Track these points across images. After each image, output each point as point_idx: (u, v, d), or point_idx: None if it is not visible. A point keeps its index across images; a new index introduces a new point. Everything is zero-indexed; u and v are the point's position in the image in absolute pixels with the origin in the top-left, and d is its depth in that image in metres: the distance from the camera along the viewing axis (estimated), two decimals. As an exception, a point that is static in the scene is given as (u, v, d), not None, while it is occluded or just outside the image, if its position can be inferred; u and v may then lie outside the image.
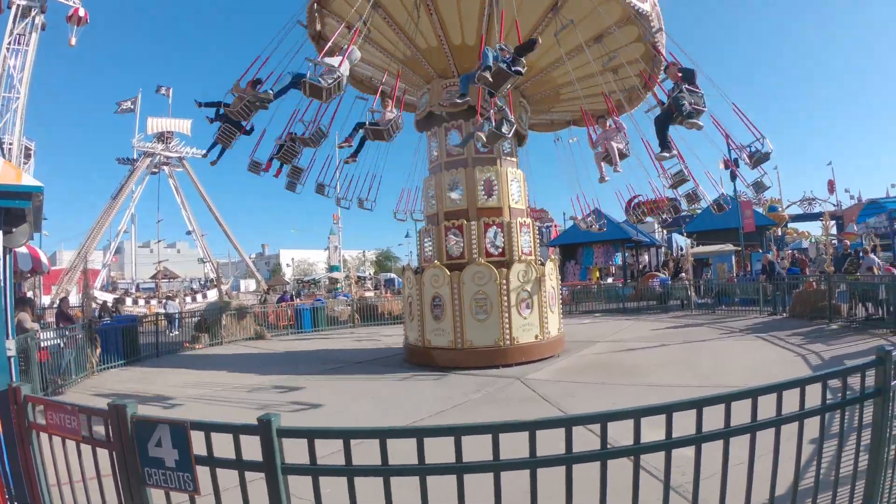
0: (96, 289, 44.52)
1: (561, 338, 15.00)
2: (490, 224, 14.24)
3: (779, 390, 3.65)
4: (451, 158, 14.70)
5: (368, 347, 18.52)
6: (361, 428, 3.69)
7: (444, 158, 14.87)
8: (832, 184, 57.89)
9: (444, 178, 14.76)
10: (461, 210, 14.46)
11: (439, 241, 14.49)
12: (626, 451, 3.41)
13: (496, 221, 14.33)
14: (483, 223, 14.17)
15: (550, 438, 3.34)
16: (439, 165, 15.00)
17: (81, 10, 38.66)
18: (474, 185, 14.37)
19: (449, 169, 14.70)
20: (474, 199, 14.36)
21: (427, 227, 15.18)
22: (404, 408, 9.90)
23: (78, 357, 14.53)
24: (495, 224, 14.27)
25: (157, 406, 10.74)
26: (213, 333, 21.58)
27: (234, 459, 3.55)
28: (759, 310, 21.31)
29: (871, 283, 16.65)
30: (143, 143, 60.90)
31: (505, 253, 14.21)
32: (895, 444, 4.22)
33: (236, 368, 15.09)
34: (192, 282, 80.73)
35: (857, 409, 4.12)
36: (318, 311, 26.15)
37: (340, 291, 44.05)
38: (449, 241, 14.37)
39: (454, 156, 14.60)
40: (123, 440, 3.83)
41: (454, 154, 14.64)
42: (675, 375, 11.34)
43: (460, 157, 14.58)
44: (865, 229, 35.46)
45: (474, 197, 14.36)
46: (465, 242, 14.11)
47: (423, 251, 15.21)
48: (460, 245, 14.22)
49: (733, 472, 3.58)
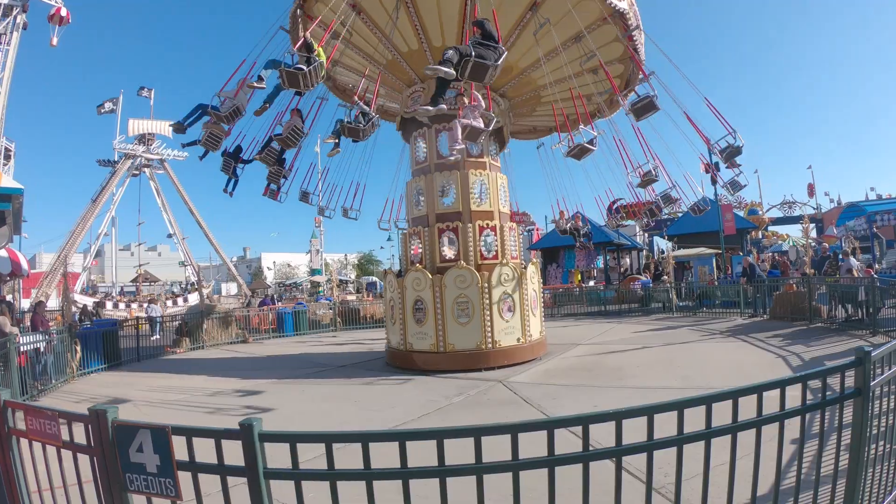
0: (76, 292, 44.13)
1: (543, 341, 15.03)
2: (484, 227, 14.29)
3: (759, 391, 3.68)
4: (442, 160, 14.64)
5: (350, 351, 18.48)
6: (343, 432, 3.69)
7: (435, 160, 14.83)
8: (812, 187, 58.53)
9: (435, 181, 14.74)
10: (454, 212, 14.45)
11: (433, 243, 14.44)
12: (608, 452, 3.41)
13: (490, 224, 14.38)
14: (478, 226, 14.21)
15: (533, 441, 3.33)
16: (428, 167, 14.95)
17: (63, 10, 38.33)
18: (468, 188, 14.39)
19: (441, 171, 14.66)
20: (468, 202, 14.37)
21: (415, 228, 15.02)
22: (386, 411, 9.87)
23: (58, 361, 14.43)
24: (489, 227, 14.32)
25: (138, 411, 10.64)
26: (195, 338, 21.45)
27: (216, 464, 3.52)
28: (740, 312, 21.50)
29: (850, 286, 16.79)
30: (124, 145, 60.31)
31: (498, 256, 14.26)
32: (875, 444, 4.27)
33: (218, 373, 15.00)
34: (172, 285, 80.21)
35: (837, 409, 4.15)
36: (300, 314, 26.09)
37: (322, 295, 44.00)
38: (443, 244, 14.37)
39: (445, 157, 14.59)
40: (104, 446, 3.79)
41: (445, 156, 14.61)
42: (656, 377, 11.39)
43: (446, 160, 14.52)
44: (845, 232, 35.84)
45: (468, 200, 14.37)
46: (460, 245, 14.12)
47: (410, 254, 15.13)
48: (455, 247, 14.24)
49: (716, 473, 3.60)
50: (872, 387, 4.07)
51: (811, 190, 58.80)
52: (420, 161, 15.30)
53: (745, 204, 53.97)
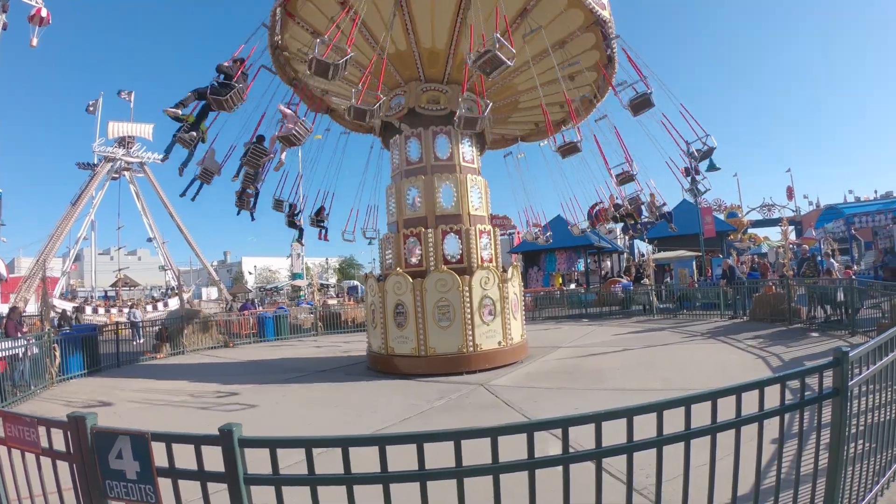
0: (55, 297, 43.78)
1: (524, 344, 15.03)
2: (448, 231, 14.24)
3: (738, 392, 3.71)
4: (410, 167, 14.70)
5: (331, 355, 18.41)
6: (323, 437, 3.67)
7: (405, 167, 14.85)
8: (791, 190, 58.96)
9: (403, 186, 14.76)
10: (420, 217, 14.47)
11: (398, 248, 14.49)
12: (588, 454, 3.43)
13: (454, 228, 14.32)
14: (441, 230, 14.18)
15: (513, 444, 3.34)
16: (400, 174, 14.97)
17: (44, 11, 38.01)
18: (432, 192, 14.38)
19: (408, 177, 14.67)
20: (432, 206, 14.37)
21: (389, 234, 15.14)
22: (367, 416, 9.85)
23: (37, 367, 14.31)
24: (453, 231, 14.27)
25: (118, 417, 10.58)
26: (175, 343, 21.32)
27: (196, 470, 3.51)
28: (720, 314, 21.64)
29: (829, 287, 16.93)
30: (103, 148, 59.89)
31: (463, 260, 14.20)
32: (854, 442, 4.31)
33: (198, 378, 14.90)
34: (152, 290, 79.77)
35: (816, 409, 4.18)
36: (281, 319, 25.94)
37: (303, 299, 43.86)
38: (407, 249, 14.37)
39: (413, 164, 14.61)
40: (84, 452, 3.77)
41: (413, 162, 14.65)
42: (637, 379, 11.44)
43: (419, 164, 14.61)
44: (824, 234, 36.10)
45: (432, 204, 14.37)
46: (422, 250, 14.11)
47: (385, 259, 15.16)
48: (418, 252, 14.23)
49: (697, 474, 3.62)
50: (850, 386, 4.12)
51: (790, 193, 59.33)
52: (395, 167, 15.31)
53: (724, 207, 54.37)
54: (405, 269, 14.18)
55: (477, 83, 14.13)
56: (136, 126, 62.40)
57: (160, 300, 53.60)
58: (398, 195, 14.79)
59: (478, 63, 10.85)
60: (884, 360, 4.70)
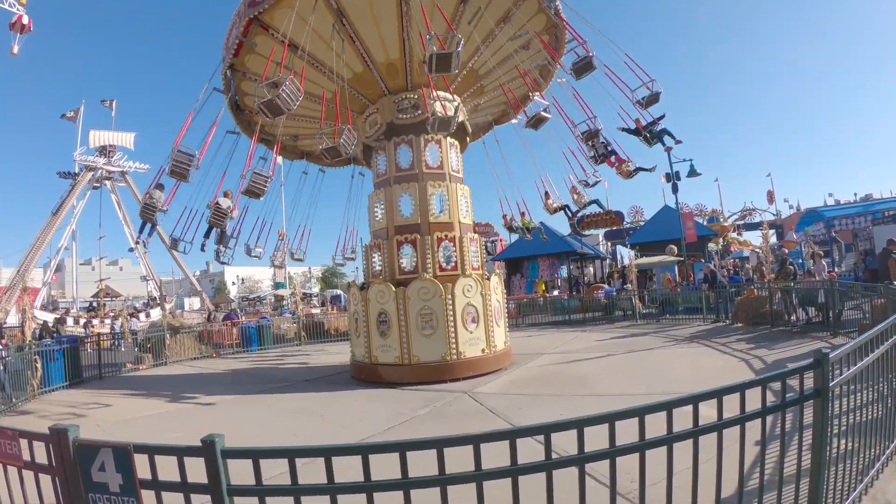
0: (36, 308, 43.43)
1: (508, 351, 15.04)
2: (443, 238, 14.26)
3: (719, 395, 3.74)
4: (401, 173, 14.66)
5: (315, 365, 18.36)
6: (306, 446, 3.67)
7: (394, 173, 14.81)
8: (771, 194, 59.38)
9: (394, 192, 14.72)
10: (413, 224, 14.44)
11: (391, 254, 14.42)
12: (571, 460, 3.44)
13: (448, 236, 14.36)
14: (436, 238, 14.18)
15: (497, 451, 3.35)
16: (387, 180, 14.89)
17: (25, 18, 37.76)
18: (426, 199, 14.37)
19: (400, 183, 14.64)
20: (426, 213, 14.37)
21: (375, 241, 15.00)
22: (352, 425, 9.82)
23: (18, 379, 14.19)
24: (447, 238, 14.30)
25: (99, 429, 10.48)
26: (157, 353, 21.21)
27: (179, 482, 3.52)
28: (703, 317, 21.72)
29: (811, 289, 17.03)
30: (84, 157, 59.66)
31: (457, 267, 14.23)
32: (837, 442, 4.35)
33: (181, 389, 14.80)
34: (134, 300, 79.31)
35: (798, 410, 4.21)
36: (264, 328, 25.86)
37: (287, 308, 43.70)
38: (402, 256, 14.36)
39: (404, 170, 14.59)
40: (66, 465, 3.76)
41: (404, 169, 14.63)
42: (621, 384, 11.46)
43: (411, 171, 14.59)
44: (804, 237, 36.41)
45: (426, 211, 14.37)
46: (418, 257, 14.06)
47: (372, 266, 15.03)
48: (413, 259, 14.21)
49: (681, 477, 3.64)
50: (831, 387, 4.16)
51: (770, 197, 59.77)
52: (381, 174, 15.23)
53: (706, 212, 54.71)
54: (399, 275, 14.17)
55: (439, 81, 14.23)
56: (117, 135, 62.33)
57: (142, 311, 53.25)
58: (388, 202, 14.69)
59: (431, 69, 11.00)
60: (864, 360, 4.75)
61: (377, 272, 14.67)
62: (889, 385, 5.42)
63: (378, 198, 15.12)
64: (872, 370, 4.98)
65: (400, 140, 14.75)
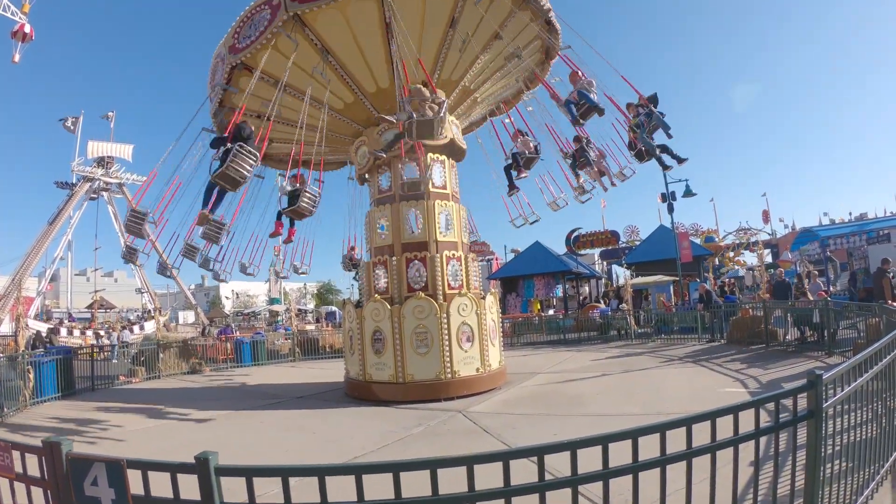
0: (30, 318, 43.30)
1: (503, 370, 14.99)
2: (451, 258, 14.26)
3: (712, 417, 3.74)
4: (381, 195, 14.77)
5: (309, 381, 18.27)
6: (300, 465, 3.66)
7: (376, 196, 14.93)
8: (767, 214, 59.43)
9: (374, 215, 14.88)
10: (388, 245, 14.51)
11: (368, 276, 14.47)
12: (564, 482, 3.44)
13: (455, 255, 14.39)
14: (405, 258, 14.15)
15: (490, 472, 3.33)
16: (392, 197, 14.75)
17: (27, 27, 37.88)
18: (434, 217, 14.34)
19: (378, 205, 14.71)
20: (399, 233, 14.38)
21: (379, 258, 14.73)
22: (344, 443, 9.78)
23: (10, 389, 14.14)
24: (417, 258, 14.23)
25: (93, 442, 10.44)
26: (150, 367, 21.15)
27: (172, 499, 3.51)
28: (698, 337, 21.72)
29: (805, 308, 17.05)
30: (82, 168, 59.73)
31: (463, 286, 14.26)
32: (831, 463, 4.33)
33: (174, 403, 14.74)
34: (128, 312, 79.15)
35: (791, 431, 4.20)
36: (259, 344, 25.75)
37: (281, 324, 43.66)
38: (375, 276, 14.41)
39: (384, 192, 14.67)
40: (58, 479, 3.76)
41: (384, 191, 14.72)
42: (616, 405, 11.43)
43: (388, 193, 14.64)
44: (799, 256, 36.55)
45: (399, 231, 14.38)
46: (428, 275, 13.99)
47: (375, 283, 14.67)
48: (384, 280, 14.25)
49: (673, 499, 3.62)
50: (825, 408, 4.16)
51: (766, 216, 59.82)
52: (384, 190, 15.04)
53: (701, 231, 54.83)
54: (408, 292, 14.06)
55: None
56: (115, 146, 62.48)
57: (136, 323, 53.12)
58: (394, 218, 14.59)
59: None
60: (858, 380, 4.75)
61: (382, 289, 14.50)
62: (883, 404, 5.42)
63: (382, 213, 14.96)
64: (866, 390, 4.98)
65: (382, 166, 14.76)
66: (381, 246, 14.84)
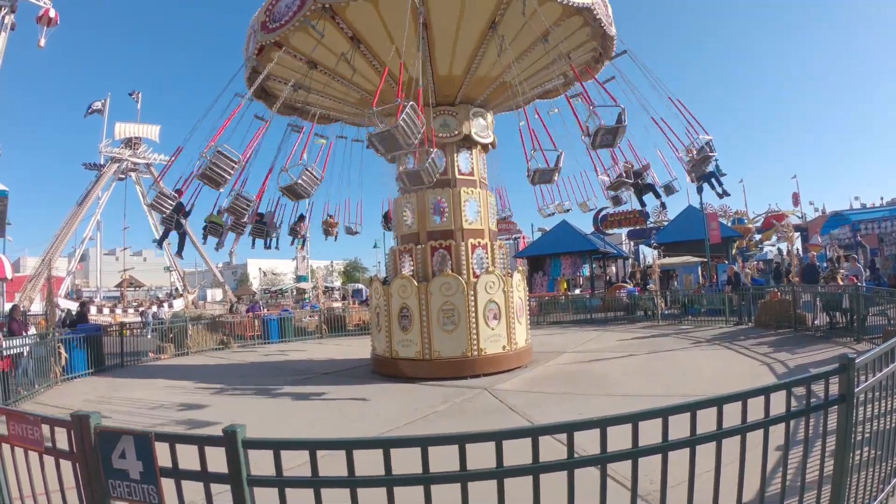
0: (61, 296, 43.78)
1: (529, 348, 15.00)
2: (476, 246, 14.23)
3: (744, 398, 3.69)
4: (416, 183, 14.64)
5: (336, 358, 18.40)
6: (327, 439, 3.68)
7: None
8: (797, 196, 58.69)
9: (400, 202, 14.95)
10: (413, 234, 14.60)
11: (425, 261, 14.25)
12: (593, 459, 3.42)
13: (481, 243, 14.37)
14: (470, 244, 14.13)
15: (518, 448, 3.33)
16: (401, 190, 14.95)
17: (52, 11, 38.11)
18: (460, 206, 14.36)
19: (433, 188, 14.28)
20: (424, 222, 14.44)
21: (405, 246, 14.74)
22: (371, 419, 9.85)
23: (42, 366, 14.35)
24: (480, 246, 14.28)
25: (121, 416, 10.55)
26: (179, 343, 21.37)
27: (200, 471, 3.51)
28: (726, 320, 21.51)
29: (835, 293, 16.82)
30: (110, 149, 60.01)
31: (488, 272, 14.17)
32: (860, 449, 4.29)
33: (203, 379, 14.91)
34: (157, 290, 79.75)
35: (821, 415, 4.17)
36: (286, 321, 25.94)
37: (308, 302, 43.83)
38: (401, 265, 14.50)
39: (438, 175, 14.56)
40: (87, 452, 3.76)
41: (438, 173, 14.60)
42: (641, 385, 11.41)
43: (444, 177, 14.20)
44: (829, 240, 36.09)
45: (424, 220, 14.43)
46: (453, 263, 13.96)
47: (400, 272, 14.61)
48: (410, 269, 14.32)
49: (701, 480, 3.61)
50: (857, 393, 4.11)
51: (796, 199, 59.04)
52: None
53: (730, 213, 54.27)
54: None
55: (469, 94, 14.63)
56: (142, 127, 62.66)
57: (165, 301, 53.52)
58: (420, 206, 14.61)
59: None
60: (890, 366, 4.67)
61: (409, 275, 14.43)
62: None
63: (407, 201, 14.94)
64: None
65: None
66: (407, 234, 14.88)
